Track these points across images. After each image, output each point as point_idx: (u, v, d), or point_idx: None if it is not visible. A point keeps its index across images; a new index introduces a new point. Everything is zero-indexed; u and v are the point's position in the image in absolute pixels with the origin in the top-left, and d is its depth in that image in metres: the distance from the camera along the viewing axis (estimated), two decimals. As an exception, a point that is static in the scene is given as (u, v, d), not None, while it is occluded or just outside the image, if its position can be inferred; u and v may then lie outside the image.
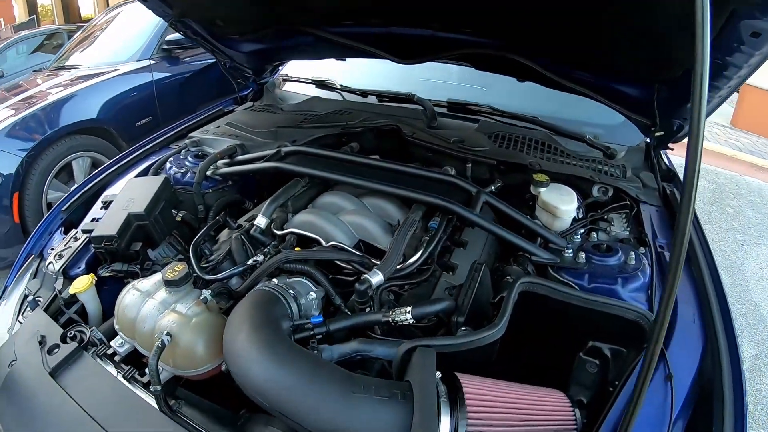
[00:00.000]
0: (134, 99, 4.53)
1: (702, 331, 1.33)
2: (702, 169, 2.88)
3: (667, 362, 1.20)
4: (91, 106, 4.17)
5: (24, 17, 18.74)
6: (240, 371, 1.10)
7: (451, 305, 1.31)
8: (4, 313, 1.74)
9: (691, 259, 1.57)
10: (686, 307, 1.40)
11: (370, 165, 1.82)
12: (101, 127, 4.21)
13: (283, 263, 1.47)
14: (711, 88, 1.59)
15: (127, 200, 1.79)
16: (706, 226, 5.14)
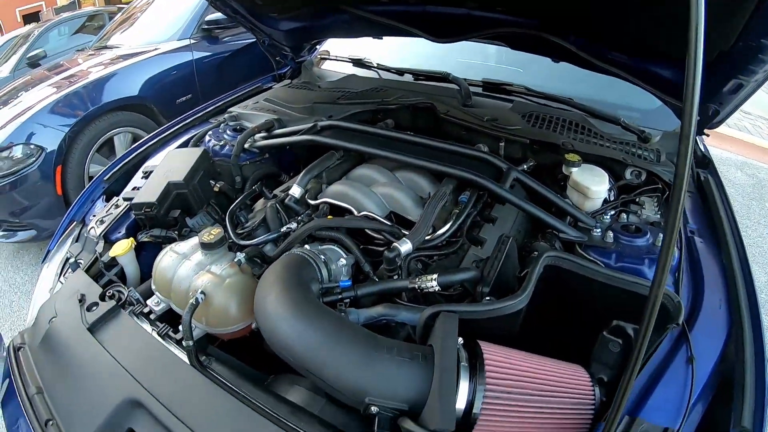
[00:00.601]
0: (175, 77, 4.59)
1: (727, 318, 1.31)
2: (742, 163, 2.87)
3: (689, 345, 1.20)
4: (133, 83, 4.25)
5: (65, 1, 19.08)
6: (269, 328, 1.15)
7: (476, 275, 1.32)
8: (46, 274, 1.82)
9: (721, 246, 1.56)
10: (713, 292, 1.39)
11: (403, 140, 1.84)
12: (142, 104, 4.29)
13: (315, 230, 1.52)
14: (747, 72, 1.57)
15: (167, 170, 1.85)
16: (745, 221, 5.02)
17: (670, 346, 1.22)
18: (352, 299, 1.33)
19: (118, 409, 1.22)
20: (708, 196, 1.81)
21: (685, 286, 1.39)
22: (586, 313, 1.37)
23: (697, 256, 1.51)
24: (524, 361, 1.12)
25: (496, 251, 1.38)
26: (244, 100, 2.62)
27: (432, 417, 0.97)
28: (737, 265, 1.46)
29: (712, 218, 1.70)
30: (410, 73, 2.68)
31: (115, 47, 5.00)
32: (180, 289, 1.41)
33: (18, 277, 3.98)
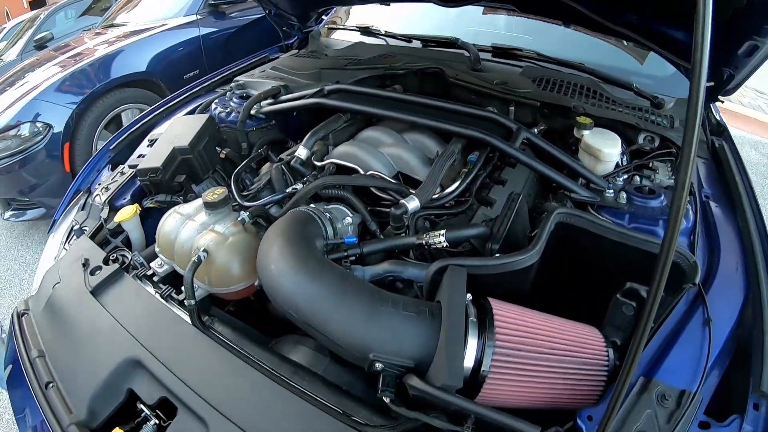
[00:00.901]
0: (182, 53, 4.60)
1: (744, 282, 1.28)
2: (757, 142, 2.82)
3: (706, 306, 1.17)
4: (141, 59, 4.25)
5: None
6: (271, 283, 1.13)
7: (486, 231, 1.29)
8: (52, 243, 1.81)
9: (737, 209, 1.54)
10: (729, 255, 1.36)
11: (411, 101, 1.82)
12: (150, 80, 4.30)
13: (321, 189, 1.49)
14: (763, 33, 1.55)
15: (172, 136, 1.83)
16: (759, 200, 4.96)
17: (686, 307, 1.19)
18: (358, 257, 1.31)
19: (118, 369, 1.21)
20: (723, 162, 1.78)
21: (701, 249, 1.36)
22: (599, 274, 1.33)
23: (712, 220, 1.48)
24: (536, 319, 1.09)
25: (506, 209, 1.35)
26: (250, 69, 2.59)
27: (439, 373, 0.94)
28: (754, 230, 1.43)
29: (727, 184, 1.67)
30: (418, 39, 2.63)
31: (122, 25, 4.99)
32: (183, 249, 1.39)
33: (28, 255, 3.99)
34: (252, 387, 1.12)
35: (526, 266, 1.15)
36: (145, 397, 1.17)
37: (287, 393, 1.09)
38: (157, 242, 1.49)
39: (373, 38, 2.80)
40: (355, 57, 2.48)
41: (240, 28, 5.05)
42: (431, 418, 0.96)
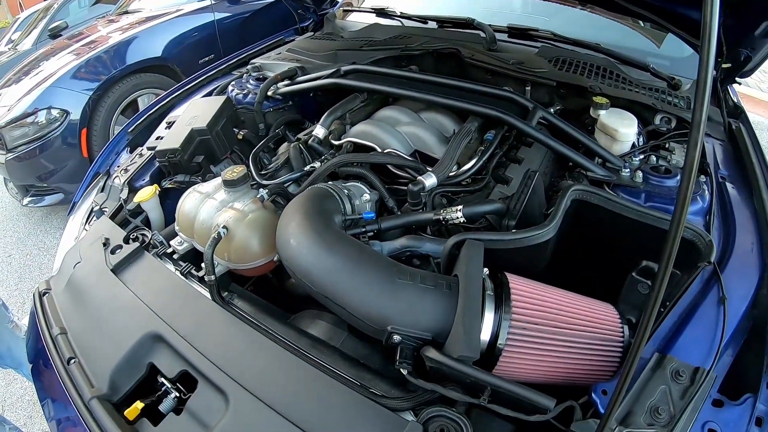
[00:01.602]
0: (197, 38, 4.61)
1: (760, 262, 1.27)
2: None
3: (721, 284, 1.16)
4: (156, 44, 4.27)
5: (84, -25, 19.12)
6: (290, 256, 1.15)
7: (502, 207, 1.30)
8: (72, 225, 1.84)
9: (753, 191, 1.52)
10: (745, 235, 1.35)
11: (428, 81, 1.82)
12: (165, 65, 4.32)
13: (339, 166, 1.51)
14: None
15: (190, 117, 1.85)
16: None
17: (701, 286, 1.18)
18: (376, 232, 1.32)
19: (139, 344, 1.23)
20: (740, 145, 1.76)
21: (717, 229, 1.36)
22: (614, 252, 1.35)
23: (728, 200, 1.47)
24: (553, 294, 1.10)
25: (522, 186, 1.36)
26: (266, 52, 2.61)
27: (456, 345, 0.96)
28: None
29: (743, 166, 1.66)
30: (434, 20, 2.63)
31: (136, 11, 5.01)
32: (203, 227, 1.41)
33: (47, 240, 4.05)
34: (271, 360, 1.14)
35: (542, 242, 1.16)
36: (165, 370, 1.19)
37: (306, 366, 1.11)
38: (177, 221, 1.51)
39: (388, 20, 2.80)
40: (371, 38, 2.48)
41: (254, 12, 5.03)
42: (448, 390, 0.98)
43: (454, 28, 2.54)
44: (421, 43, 2.24)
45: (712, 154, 1.68)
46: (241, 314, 1.25)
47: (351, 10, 3.12)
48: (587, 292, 1.19)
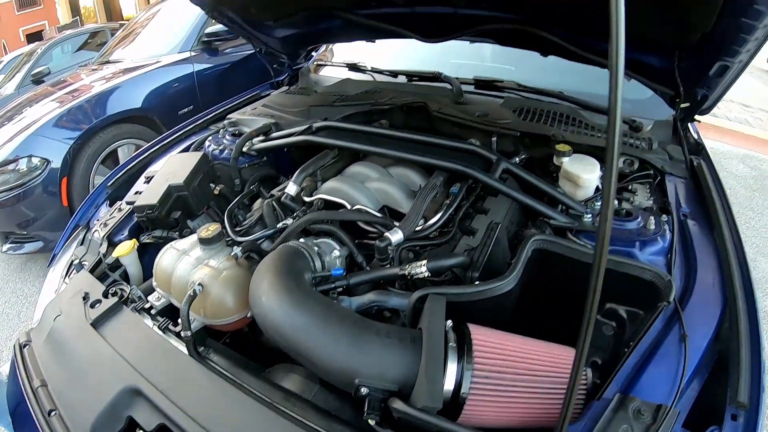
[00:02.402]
0: (176, 89, 4.67)
1: (722, 296, 1.32)
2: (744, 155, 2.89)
3: (682, 322, 1.20)
4: (136, 96, 4.32)
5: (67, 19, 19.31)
6: (261, 313, 1.19)
7: (465, 260, 1.35)
8: (52, 277, 1.87)
9: (714, 226, 1.57)
10: (706, 271, 1.39)
11: (395, 137, 1.88)
12: (145, 116, 4.37)
13: (309, 224, 1.56)
14: (731, 53, 1.61)
15: (168, 173, 1.90)
16: (748, 212, 5.03)
17: (663, 324, 1.23)
18: (345, 287, 1.37)
19: (118, 397, 1.25)
20: (701, 181, 1.81)
21: (678, 267, 1.40)
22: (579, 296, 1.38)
23: (689, 238, 1.52)
24: (514, 342, 1.14)
25: (485, 237, 1.41)
26: (242, 106, 2.68)
27: (420, 396, 0.99)
28: (730, 245, 1.46)
29: (705, 202, 1.71)
30: (403, 74, 2.73)
31: (118, 62, 5.09)
32: (179, 283, 1.45)
33: (26, 288, 4.04)
34: (246, 413, 1.16)
35: (503, 292, 1.21)
36: (144, 423, 1.21)
37: (279, 418, 1.14)
38: (154, 276, 1.55)
39: (360, 74, 2.89)
40: (343, 93, 2.56)
41: (233, 64, 5.15)
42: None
43: (422, 82, 2.63)
44: (390, 98, 2.32)
45: (674, 193, 1.74)
46: (217, 369, 1.29)
47: (324, 64, 3.21)
48: (554, 336, 1.23)
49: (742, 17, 1.44)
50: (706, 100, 1.93)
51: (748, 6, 1.39)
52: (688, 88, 1.91)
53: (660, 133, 2.10)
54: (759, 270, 4.07)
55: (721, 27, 1.56)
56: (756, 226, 4.76)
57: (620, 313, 1.33)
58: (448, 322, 1.12)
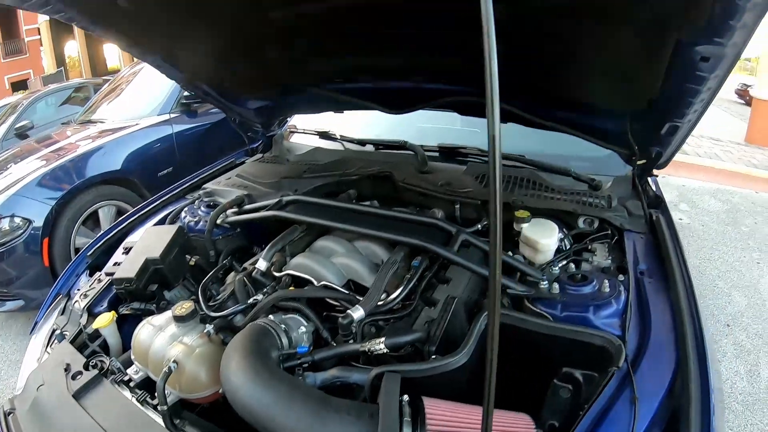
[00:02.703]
0: (156, 151, 4.76)
1: (675, 354, 1.37)
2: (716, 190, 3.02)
3: (633, 385, 1.26)
4: (116, 158, 4.40)
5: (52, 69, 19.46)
6: (230, 391, 1.27)
7: (422, 336, 1.44)
8: (34, 345, 1.93)
9: (669, 283, 1.63)
10: (660, 329, 1.45)
11: (360, 211, 1.96)
12: (125, 178, 4.43)
13: (277, 301, 1.64)
14: (679, 115, 1.70)
15: (145, 246, 1.97)
16: (721, 247, 5.15)
17: (616, 386, 1.28)
18: (311, 363, 1.44)
19: None
20: (659, 235, 1.88)
21: (633, 327, 1.45)
22: (536, 363, 1.45)
23: (645, 297, 1.58)
24: (467, 412, 1.21)
25: (442, 312, 1.50)
26: (218, 176, 2.77)
27: None
28: (684, 302, 1.51)
29: (662, 258, 1.77)
30: (370, 143, 2.84)
31: (100, 122, 5.18)
32: (156, 358, 1.51)
33: (7, 346, 4.05)
34: None
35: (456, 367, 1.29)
36: None
37: None
38: (132, 350, 1.61)
39: (331, 141, 3.01)
40: (314, 162, 2.66)
41: (211, 126, 5.25)
42: None
43: (389, 150, 2.74)
44: (358, 168, 2.42)
45: (632, 250, 1.79)
46: None
47: (297, 131, 3.32)
48: (510, 403, 1.29)
49: (686, 83, 1.53)
50: (660, 156, 2.03)
51: (691, 72, 1.47)
52: (643, 147, 2.01)
53: (619, 189, 2.19)
54: (734, 304, 4.18)
55: (668, 92, 1.66)
56: (730, 260, 4.86)
57: (576, 376, 1.40)
58: (405, 396, 1.19)
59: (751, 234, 5.51)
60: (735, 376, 3.39)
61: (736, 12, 1.21)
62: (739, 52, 1.39)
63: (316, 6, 1.86)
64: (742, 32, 1.29)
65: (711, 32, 1.32)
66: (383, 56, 2.24)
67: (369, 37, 2.09)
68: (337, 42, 2.18)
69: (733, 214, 6.06)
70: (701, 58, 1.41)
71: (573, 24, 1.63)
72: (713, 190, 6.78)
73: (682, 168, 7.44)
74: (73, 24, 2.01)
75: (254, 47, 2.28)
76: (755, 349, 3.68)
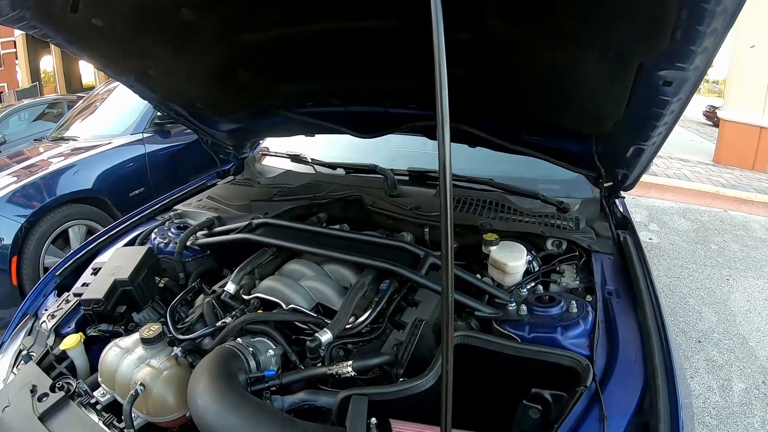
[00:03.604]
0: (128, 170, 4.75)
1: (643, 372, 1.40)
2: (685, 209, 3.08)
3: (601, 404, 1.28)
4: (88, 176, 4.38)
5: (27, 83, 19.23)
6: (197, 414, 1.26)
7: (390, 359, 1.46)
8: (0, 366, 1.88)
9: (637, 302, 1.67)
10: (628, 348, 1.48)
11: (329, 234, 1.97)
12: (96, 197, 4.40)
13: (246, 324, 1.63)
14: (643, 138, 1.75)
15: (114, 267, 1.95)
16: (691, 264, 5.27)
17: (585, 405, 1.30)
18: (279, 386, 1.44)
19: None
20: (626, 256, 1.92)
21: (601, 346, 1.48)
22: (504, 383, 1.47)
23: (613, 316, 1.61)
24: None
25: (410, 335, 1.51)
26: (189, 197, 2.77)
27: None
28: (651, 320, 1.55)
29: (630, 278, 1.81)
30: (341, 167, 2.87)
31: (72, 139, 5.14)
32: (123, 381, 1.50)
33: (-29, 364, 3.94)
34: None
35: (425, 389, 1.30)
36: None
37: None
38: (99, 373, 1.59)
39: (301, 164, 3.03)
40: (285, 185, 2.68)
41: (184, 146, 5.25)
42: None
43: (359, 174, 2.77)
44: (328, 191, 2.44)
45: (600, 271, 1.83)
46: None
47: (269, 154, 3.33)
48: (478, 423, 1.31)
49: (650, 106, 1.57)
50: (627, 178, 2.08)
51: (654, 96, 1.51)
52: (609, 169, 2.07)
53: (588, 211, 2.24)
54: (705, 321, 4.29)
55: (632, 115, 1.71)
56: (700, 278, 4.97)
57: (545, 396, 1.41)
58: (373, 419, 1.20)
59: (720, 252, 5.65)
60: (708, 391, 3.47)
61: (697, 38, 1.26)
62: (700, 76, 1.43)
63: (288, 30, 1.89)
64: (703, 56, 1.34)
65: (673, 57, 1.36)
66: (353, 81, 2.27)
67: (339, 62, 2.13)
68: (308, 66, 2.21)
69: (702, 232, 6.20)
70: (664, 83, 1.45)
71: (538, 49, 1.67)
72: (682, 209, 6.93)
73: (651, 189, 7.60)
74: (48, 41, 2.01)
75: (226, 70, 2.30)
76: (727, 364, 3.77)
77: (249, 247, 2.06)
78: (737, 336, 4.10)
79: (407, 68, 1.98)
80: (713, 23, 1.21)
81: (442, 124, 0.74)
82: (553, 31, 1.58)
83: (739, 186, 8.18)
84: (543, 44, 1.64)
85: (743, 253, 5.67)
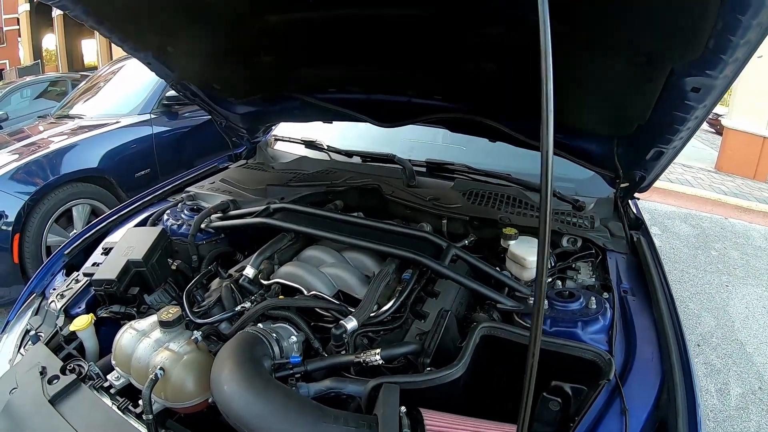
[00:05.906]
0: (134, 151, 4.68)
1: (660, 368, 1.41)
2: (686, 215, 3.07)
3: (622, 398, 1.29)
4: (93, 155, 4.32)
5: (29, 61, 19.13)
6: (223, 401, 1.23)
7: (417, 348, 1.44)
8: (5, 345, 1.84)
9: (652, 300, 1.68)
10: (645, 345, 1.49)
11: (350, 222, 1.94)
12: (102, 176, 4.35)
13: (267, 310, 1.60)
14: (665, 141, 1.74)
15: (126, 247, 1.91)
16: (692, 270, 5.29)
17: (606, 398, 1.31)
18: (303, 374, 1.41)
19: None
20: (640, 256, 1.92)
21: (619, 343, 1.49)
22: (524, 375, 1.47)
23: (629, 314, 1.62)
24: (464, 423, 1.21)
25: (436, 325, 1.50)
26: (201, 179, 2.74)
27: None
28: (667, 319, 1.56)
29: (644, 277, 1.81)
30: (358, 155, 2.84)
31: (77, 117, 5.08)
32: (140, 365, 1.46)
33: (-29, 344, 3.91)
34: None
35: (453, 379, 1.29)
36: None
37: None
38: (113, 355, 1.55)
39: (316, 151, 3.00)
40: (300, 171, 2.65)
41: (192, 129, 5.19)
42: None
43: (377, 163, 2.75)
44: (345, 179, 2.42)
45: (615, 269, 1.84)
46: None
47: (282, 139, 3.30)
48: (505, 414, 1.31)
49: (675, 111, 1.57)
50: (644, 180, 2.07)
51: (680, 102, 1.51)
52: (627, 170, 2.06)
53: (602, 210, 2.24)
54: (704, 325, 4.32)
55: (656, 119, 1.71)
56: (700, 283, 4.99)
57: (565, 389, 1.39)
58: (402, 408, 1.17)
59: (720, 258, 5.68)
60: (706, 394, 3.50)
61: (729, 47, 1.26)
62: (728, 84, 1.43)
63: (315, 14, 1.86)
64: (733, 66, 1.33)
65: (703, 65, 1.36)
66: (378, 69, 2.25)
67: (365, 49, 2.10)
68: (333, 52, 2.18)
69: (703, 238, 6.23)
70: (692, 89, 1.45)
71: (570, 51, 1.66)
72: (684, 215, 6.96)
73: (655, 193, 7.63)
74: (67, 12, 1.96)
75: (249, 51, 2.27)
76: (725, 368, 3.80)
77: (264, 232, 2.04)
78: (735, 341, 4.13)
79: (434, 59, 1.97)
80: (747, 35, 1.20)
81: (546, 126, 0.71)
82: (590, 33, 1.58)
83: (740, 194, 8.25)
84: (579, 45, 1.63)
85: (743, 260, 5.71)
